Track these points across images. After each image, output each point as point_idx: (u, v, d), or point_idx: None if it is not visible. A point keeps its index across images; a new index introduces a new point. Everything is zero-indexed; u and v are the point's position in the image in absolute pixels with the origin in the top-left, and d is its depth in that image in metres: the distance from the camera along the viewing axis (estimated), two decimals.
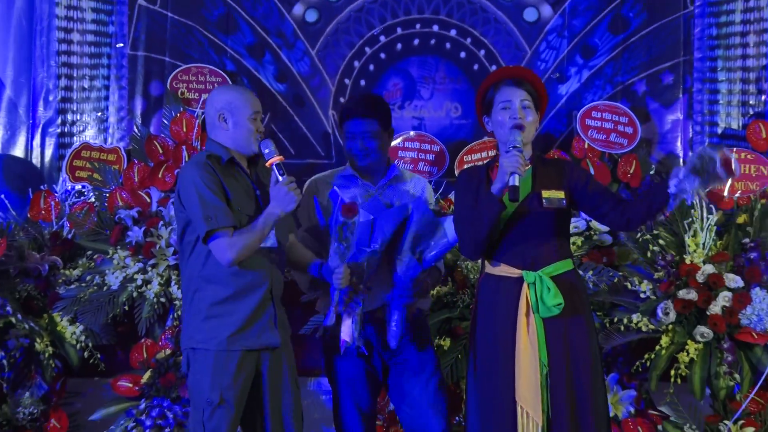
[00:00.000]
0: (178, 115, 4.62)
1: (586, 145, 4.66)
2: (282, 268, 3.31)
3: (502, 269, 3.10)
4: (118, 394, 4.13)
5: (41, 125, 4.96)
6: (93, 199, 4.57)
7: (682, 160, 4.86)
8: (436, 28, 5.05)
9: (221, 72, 4.89)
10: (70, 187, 4.71)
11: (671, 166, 4.53)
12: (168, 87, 4.86)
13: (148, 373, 4.07)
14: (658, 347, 3.96)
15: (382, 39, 5.06)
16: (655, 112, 4.94)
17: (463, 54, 5.05)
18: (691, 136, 4.90)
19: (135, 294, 4.09)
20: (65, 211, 4.48)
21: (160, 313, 4.11)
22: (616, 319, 4.00)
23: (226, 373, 3.10)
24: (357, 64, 5.06)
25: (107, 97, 5.02)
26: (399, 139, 4.71)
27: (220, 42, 5.04)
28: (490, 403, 3.07)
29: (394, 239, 3.29)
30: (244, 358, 3.13)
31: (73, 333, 4.14)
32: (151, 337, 4.15)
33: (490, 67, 4.98)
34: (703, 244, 4.02)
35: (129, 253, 4.12)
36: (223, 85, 4.48)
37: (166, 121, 4.70)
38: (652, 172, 4.62)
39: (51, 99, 4.96)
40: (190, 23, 5.02)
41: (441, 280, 3.67)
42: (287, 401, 3.23)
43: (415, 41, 5.06)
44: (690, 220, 4.05)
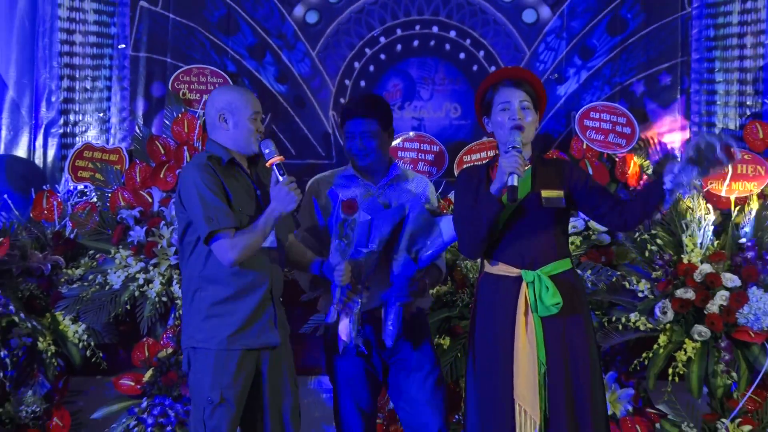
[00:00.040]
0: (180, 115, 4.61)
1: (585, 146, 4.65)
2: (282, 267, 3.30)
3: (501, 268, 3.10)
4: (120, 393, 4.13)
5: (44, 126, 4.96)
6: (95, 199, 4.57)
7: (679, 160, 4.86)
8: (435, 29, 5.05)
9: (222, 73, 4.89)
10: (72, 187, 4.70)
11: None
12: (169, 88, 4.85)
13: (150, 372, 4.07)
14: (655, 346, 3.97)
15: (382, 40, 5.06)
16: (653, 113, 4.93)
17: (462, 55, 5.05)
18: (689, 136, 4.90)
19: (137, 293, 4.09)
20: (68, 211, 4.48)
21: (161, 312, 4.12)
22: (614, 318, 4.01)
23: (227, 372, 3.10)
24: (357, 65, 5.06)
25: (109, 98, 5.02)
26: (399, 140, 4.70)
27: (221, 43, 5.04)
28: (489, 402, 3.07)
29: (391, 239, 3.29)
30: (244, 358, 3.13)
31: (75, 332, 4.15)
32: (152, 336, 4.16)
33: (489, 68, 4.98)
34: (701, 243, 4.04)
35: (131, 252, 4.12)
36: (224, 86, 4.49)
37: (167, 122, 4.69)
38: (649, 172, 4.63)
39: (53, 100, 4.96)
40: (192, 24, 5.03)
41: (442, 279, 3.65)
42: (287, 400, 3.23)
43: (415, 42, 5.07)
44: (688, 219, 4.06)
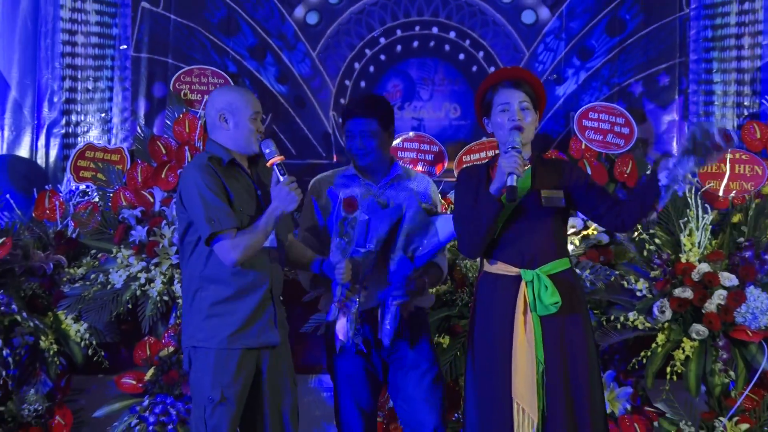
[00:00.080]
0: (181, 116, 4.61)
1: (583, 146, 4.66)
2: (282, 267, 3.31)
3: (500, 267, 3.11)
4: (121, 391, 4.14)
5: (46, 126, 4.97)
6: (97, 199, 4.57)
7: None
8: (435, 30, 5.06)
9: (223, 73, 4.89)
10: (74, 187, 4.71)
11: None
12: (171, 88, 4.86)
13: (152, 371, 4.08)
14: (654, 345, 3.97)
15: (382, 41, 5.07)
16: (652, 113, 4.95)
17: (461, 56, 5.06)
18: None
19: (138, 292, 4.09)
20: (69, 211, 4.49)
21: (163, 311, 4.12)
22: (612, 317, 4.01)
23: (227, 371, 3.11)
24: (357, 65, 5.07)
25: (111, 98, 5.03)
26: (398, 140, 4.70)
27: (222, 44, 5.05)
28: (488, 400, 3.08)
29: (389, 238, 3.30)
30: (245, 357, 3.14)
31: (77, 331, 4.15)
32: (154, 335, 4.16)
33: (489, 68, 4.99)
34: (699, 243, 4.03)
35: (132, 252, 4.13)
36: (224, 86, 4.48)
37: (168, 122, 4.69)
38: (648, 172, 4.63)
39: (55, 100, 4.97)
40: (193, 25, 5.04)
41: (443, 278, 3.63)
42: (286, 399, 3.24)
43: (415, 43, 5.07)
44: (686, 219, 4.07)
